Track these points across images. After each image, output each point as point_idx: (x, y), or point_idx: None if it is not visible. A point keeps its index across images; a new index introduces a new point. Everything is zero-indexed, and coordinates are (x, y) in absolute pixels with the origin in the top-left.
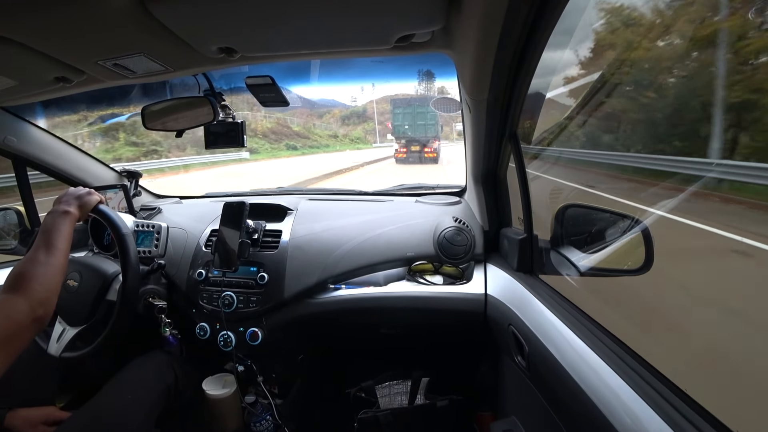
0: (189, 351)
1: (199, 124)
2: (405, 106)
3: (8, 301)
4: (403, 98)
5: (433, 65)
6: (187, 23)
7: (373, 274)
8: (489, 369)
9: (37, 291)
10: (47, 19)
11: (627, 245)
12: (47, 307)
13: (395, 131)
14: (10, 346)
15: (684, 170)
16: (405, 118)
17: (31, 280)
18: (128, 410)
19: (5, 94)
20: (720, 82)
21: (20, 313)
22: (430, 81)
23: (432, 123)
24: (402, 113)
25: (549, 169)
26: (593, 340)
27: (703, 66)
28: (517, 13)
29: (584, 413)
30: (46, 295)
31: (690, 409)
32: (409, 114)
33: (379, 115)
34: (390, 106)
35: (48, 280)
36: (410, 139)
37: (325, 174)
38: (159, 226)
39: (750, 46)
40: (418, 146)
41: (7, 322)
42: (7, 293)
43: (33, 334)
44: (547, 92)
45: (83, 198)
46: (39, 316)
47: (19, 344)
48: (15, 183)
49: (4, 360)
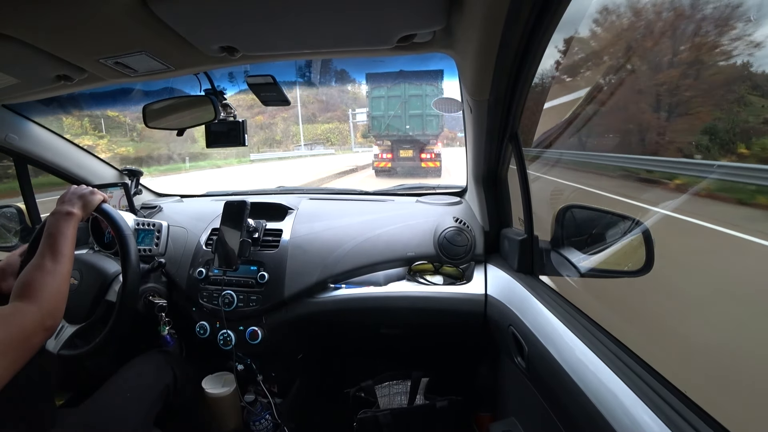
0: (189, 350)
1: (200, 123)
2: (390, 87)
3: (20, 308)
4: (385, 75)
5: (435, 66)
6: (189, 22)
7: (373, 274)
8: (488, 369)
9: (46, 301)
10: (49, 17)
11: (627, 246)
12: (56, 317)
13: (374, 126)
14: (19, 353)
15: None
16: (390, 105)
17: (40, 289)
18: (128, 409)
19: (7, 92)
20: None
21: (32, 322)
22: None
23: (433, 114)
24: (386, 98)
25: (550, 169)
26: (593, 342)
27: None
28: (518, 14)
29: (584, 414)
30: (55, 305)
31: (689, 410)
32: (396, 99)
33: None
34: (366, 86)
35: (56, 289)
36: (399, 138)
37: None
38: (160, 224)
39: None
40: (411, 150)
41: (19, 329)
42: (18, 301)
43: (42, 342)
44: (548, 93)
45: (86, 197)
46: (49, 326)
47: (29, 352)
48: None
49: (13, 366)
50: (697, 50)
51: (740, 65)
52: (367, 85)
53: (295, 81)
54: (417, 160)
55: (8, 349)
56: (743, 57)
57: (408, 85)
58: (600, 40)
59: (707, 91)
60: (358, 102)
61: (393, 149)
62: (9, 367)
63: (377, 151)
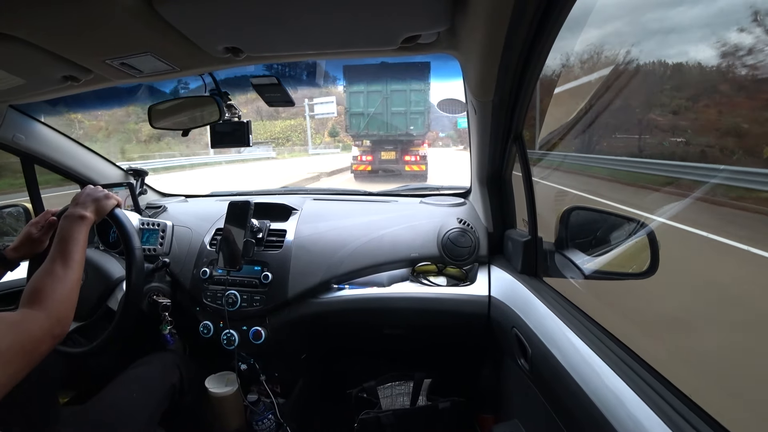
0: (192, 349)
1: (205, 123)
2: (370, 81)
3: (29, 315)
4: (365, 68)
5: (439, 66)
6: (194, 23)
7: (376, 275)
8: (491, 371)
9: (56, 308)
10: (55, 18)
11: (632, 248)
12: (65, 325)
13: (353, 125)
14: (26, 361)
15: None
16: (370, 101)
17: (49, 296)
18: (135, 408)
19: (14, 93)
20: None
21: (40, 330)
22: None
23: (419, 111)
24: (365, 93)
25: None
26: (597, 344)
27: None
28: (523, 14)
29: (587, 417)
30: (64, 312)
31: (692, 413)
32: (377, 94)
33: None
34: (342, 81)
35: (66, 297)
36: (380, 139)
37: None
38: (164, 224)
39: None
40: (394, 151)
41: (27, 337)
42: (26, 308)
43: (49, 350)
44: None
45: (101, 201)
46: (57, 334)
47: (36, 360)
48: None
49: (19, 374)
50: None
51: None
52: (345, 79)
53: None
54: (401, 163)
55: (15, 357)
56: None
57: (390, 79)
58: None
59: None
60: (321, 91)
61: (374, 150)
62: (14, 375)
63: (357, 152)
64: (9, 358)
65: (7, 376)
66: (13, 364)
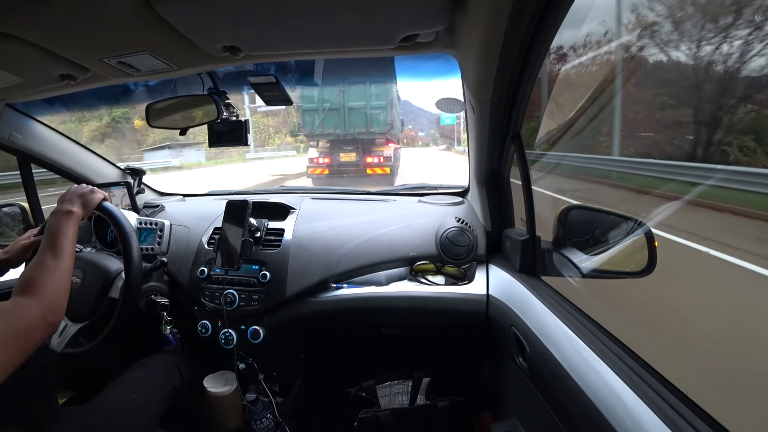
0: (190, 349)
1: (203, 122)
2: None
3: (21, 302)
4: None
5: (437, 65)
6: (192, 22)
7: (374, 274)
8: (490, 370)
9: (48, 297)
10: (53, 16)
11: (630, 247)
12: (58, 313)
13: (306, 123)
14: (21, 346)
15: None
16: (325, 95)
17: (41, 285)
18: (135, 409)
19: (11, 91)
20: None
21: (33, 317)
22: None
23: (380, 106)
24: (319, 86)
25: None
26: (595, 342)
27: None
28: (521, 14)
29: (585, 415)
30: (57, 301)
31: (691, 412)
32: (333, 88)
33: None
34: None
35: (57, 285)
36: (338, 138)
37: None
38: (162, 223)
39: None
40: (355, 153)
41: (20, 323)
42: (19, 296)
43: (44, 338)
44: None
45: (86, 196)
46: (50, 321)
47: (30, 347)
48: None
49: (14, 360)
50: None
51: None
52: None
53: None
54: (362, 165)
55: (10, 342)
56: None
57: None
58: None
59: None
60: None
61: (332, 152)
62: (10, 361)
63: (314, 153)
64: (3, 342)
65: (4, 359)
66: (9, 350)
